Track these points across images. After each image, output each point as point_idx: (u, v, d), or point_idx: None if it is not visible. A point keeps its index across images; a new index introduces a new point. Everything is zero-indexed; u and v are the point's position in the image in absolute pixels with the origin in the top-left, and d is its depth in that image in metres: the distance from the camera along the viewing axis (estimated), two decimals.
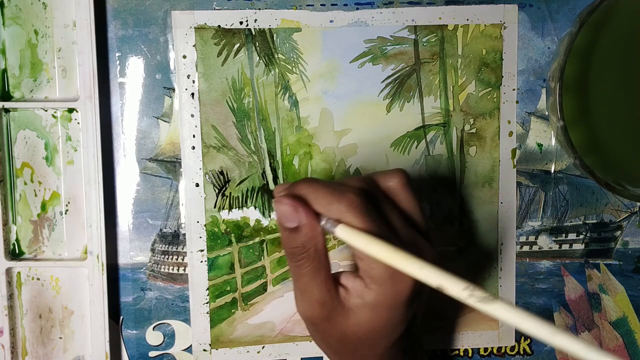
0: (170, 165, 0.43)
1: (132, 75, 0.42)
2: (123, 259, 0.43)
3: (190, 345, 0.44)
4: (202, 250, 0.43)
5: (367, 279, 0.33)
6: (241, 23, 0.42)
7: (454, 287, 0.29)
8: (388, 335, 0.34)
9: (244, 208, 0.44)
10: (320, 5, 0.43)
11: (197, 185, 0.43)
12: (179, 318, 0.44)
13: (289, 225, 0.33)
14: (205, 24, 0.42)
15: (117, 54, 0.42)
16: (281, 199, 0.33)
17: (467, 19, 0.43)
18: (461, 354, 0.46)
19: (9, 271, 0.42)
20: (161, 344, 0.44)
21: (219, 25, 0.42)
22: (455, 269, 0.45)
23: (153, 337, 0.44)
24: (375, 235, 0.31)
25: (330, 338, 0.35)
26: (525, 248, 0.46)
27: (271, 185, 0.44)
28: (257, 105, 0.43)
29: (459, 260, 0.45)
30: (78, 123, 0.42)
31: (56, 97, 0.42)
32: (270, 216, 0.44)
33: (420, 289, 0.33)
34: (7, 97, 0.42)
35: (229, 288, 0.44)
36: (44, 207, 0.43)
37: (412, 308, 0.34)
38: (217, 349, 0.44)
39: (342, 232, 0.32)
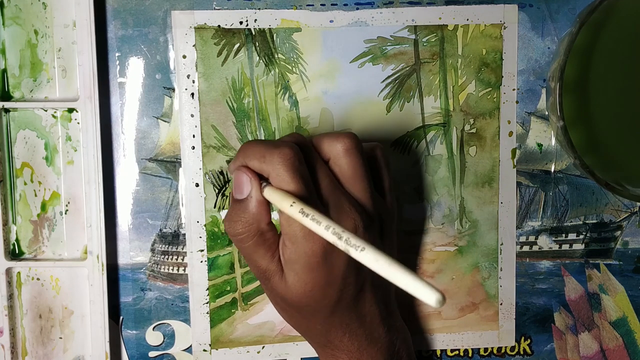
0: (170, 165, 0.43)
1: (132, 75, 0.42)
2: (123, 259, 0.43)
3: (190, 346, 0.44)
4: (202, 250, 0.43)
5: (284, 236, 0.34)
6: (241, 23, 0.42)
7: (336, 240, 0.29)
8: (321, 299, 0.35)
9: None
10: (320, 5, 0.43)
11: (197, 185, 0.43)
12: (179, 318, 0.44)
13: (239, 196, 0.35)
14: (205, 24, 0.42)
15: (117, 54, 0.42)
16: (240, 168, 0.34)
17: (467, 19, 0.43)
18: (461, 354, 0.46)
19: (9, 271, 0.42)
20: (161, 344, 0.44)
21: (219, 25, 0.42)
22: (456, 270, 0.46)
23: (153, 337, 0.44)
24: (297, 193, 0.33)
25: (276, 298, 0.37)
26: (525, 248, 0.46)
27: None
28: (257, 105, 0.43)
29: (459, 260, 0.45)
30: (78, 123, 0.42)
31: (56, 97, 0.42)
32: None
33: (337, 252, 0.34)
34: (7, 97, 0.42)
35: (229, 288, 0.44)
36: (44, 207, 0.43)
37: (339, 274, 0.35)
38: (217, 349, 0.44)
39: (267, 192, 0.34)
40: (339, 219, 0.34)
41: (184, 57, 0.42)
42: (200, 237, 0.43)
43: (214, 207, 0.43)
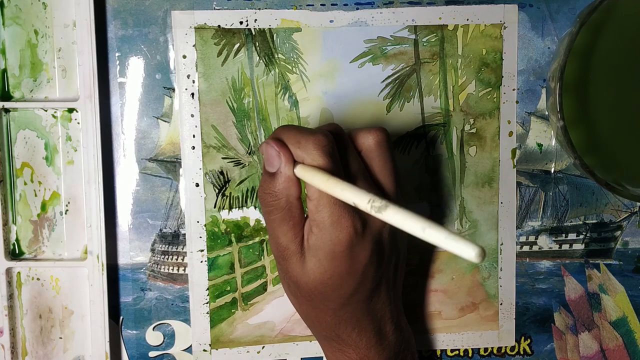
0: (170, 165, 0.43)
1: (132, 75, 0.42)
2: (123, 259, 0.43)
3: (190, 346, 0.44)
4: (202, 250, 0.43)
5: (311, 221, 0.34)
6: (241, 23, 0.42)
7: (362, 202, 0.29)
8: (337, 288, 0.35)
9: (244, 208, 0.44)
10: (320, 5, 0.43)
11: (197, 185, 0.43)
12: (179, 318, 0.44)
13: (270, 169, 0.35)
14: (205, 24, 0.42)
15: (117, 54, 0.42)
16: (269, 141, 0.35)
17: (467, 19, 0.43)
18: (461, 354, 0.46)
19: (9, 271, 0.42)
20: (161, 344, 0.44)
21: (219, 25, 0.42)
22: (457, 270, 0.45)
23: (153, 337, 0.44)
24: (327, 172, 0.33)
25: (288, 280, 0.37)
26: (525, 248, 0.46)
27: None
28: (257, 105, 0.43)
29: (459, 260, 0.45)
30: (78, 123, 0.42)
31: (56, 97, 0.42)
32: None
33: (369, 248, 0.34)
34: (7, 97, 0.42)
35: (229, 288, 0.44)
36: (44, 207, 0.43)
37: (361, 265, 0.35)
38: (217, 349, 0.44)
39: (299, 170, 0.34)
40: (367, 214, 0.34)
41: (184, 57, 0.42)
42: (200, 237, 0.43)
43: (214, 207, 0.43)
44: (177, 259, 0.44)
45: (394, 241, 0.37)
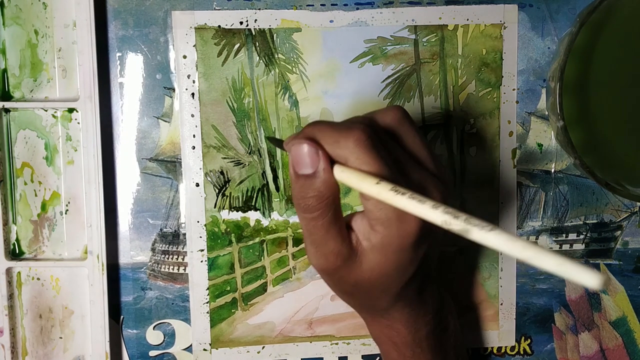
0: (171, 165, 0.43)
1: (132, 75, 0.42)
2: (123, 259, 0.43)
3: (191, 345, 0.44)
4: (202, 250, 0.43)
5: (372, 220, 0.31)
6: (241, 23, 0.42)
7: (450, 219, 0.26)
8: (399, 277, 0.34)
9: (244, 208, 0.44)
10: (320, 5, 0.43)
11: (197, 185, 0.43)
12: (179, 318, 0.44)
13: (305, 171, 0.31)
14: (205, 24, 0.42)
15: (117, 54, 0.42)
16: (300, 140, 0.31)
17: (467, 19, 0.43)
18: None
19: (9, 271, 0.42)
20: (161, 343, 0.44)
21: (219, 26, 0.42)
22: (457, 270, 0.45)
23: (153, 336, 0.44)
24: (381, 175, 0.30)
25: (345, 285, 0.34)
26: None
27: (271, 186, 0.44)
28: (257, 105, 0.43)
29: (459, 260, 0.45)
30: (78, 123, 0.42)
31: (56, 97, 0.42)
32: (270, 216, 0.44)
33: (428, 229, 0.32)
34: (7, 97, 0.42)
35: (229, 288, 0.44)
36: (44, 207, 0.43)
37: (422, 249, 0.33)
38: (217, 349, 0.44)
39: (338, 172, 0.31)
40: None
41: (185, 57, 0.42)
42: (201, 237, 0.43)
43: (214, 207, 0.43)
44: (177, 259, 0.44)
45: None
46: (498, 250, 0.24)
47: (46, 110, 0.42)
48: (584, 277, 0.22)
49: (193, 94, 0.43)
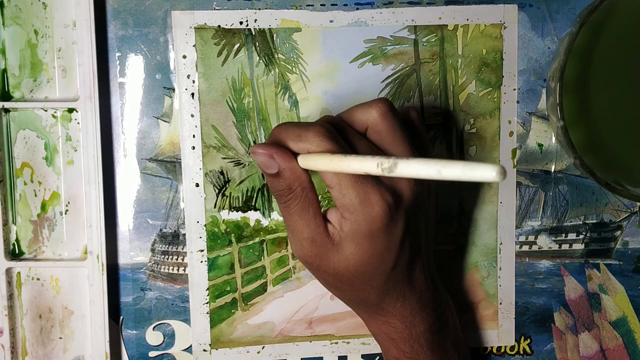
0: (170, 165, 0.43)
1: (132, 75, 0.42)
2: (123, 259, 0.43)
3: (190, 346, 0.44)
4: (202, 250, 0.43)
5: (340, 208, 0.34)
6: (241, 23, 0.42)
7: (371, 167, 0.29)
8: (378, 266, 0.35)
9: (244, 208, 0.44)
10: (320, 5, 0.43)
11: (197, 185, 0.43)
12: (179, 318, 0.44)
13: (270, 171, 0.34)
14: (205, 24, 0.42)
15: (117, 54, 0.42)
16: (255, 149, 0.34)
17: (467, 19, 0.43)
18: None
19: (9, 271, 0.42)
20: (161, 344, 0.44)
21: (219, 25, 0.42)
22: (456, 269, 0.46)
23: (153, 337, 0.44)
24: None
25: (326, 275, 0.36)
26: (525, 248, 0.46)
27: None
28: (257, 105, 0.43)
29: (458, 259, 0.45)
30: (78, 123, 0.42)
31: (56, 97, 0.42)
32: (270, 216, 0.44)
33: (396, 214, 0.33)
34: (7, 97, 0.42)
35: (229, 288, 0.44)
36: (44, 207, 0.43)
37: (395, 235, 0.34)
38: (217, 349, 0.44)
39: (302, 160, 0.34)
40: (392, 184, 0.34)
41: (184, 57, 0.42)
42: (200, 237, 0.43)
43: (214, 207, 0.43)
44: (177, 259, 0.44)
45: (423, 205, 0.37)
46: (420, 176, 0.27)
47: (46, 111, 0.42)
48: (483, 174, 0.24)
49: (193, 94, 0.42)
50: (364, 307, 0.38)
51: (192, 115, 0.43)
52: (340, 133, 0.35)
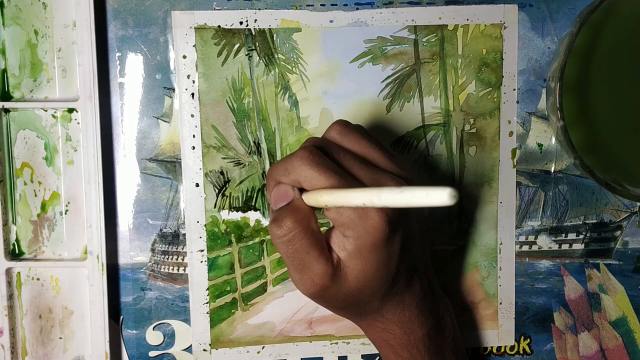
0: (170, 165, 0.43)
1: (132, 75, 0.42)
2: (123, 259, 0.43)
3: (190, 345, 0.44)
4: (202, 250, 0.43)
5: (340, 228, 0.34)
6: (241, 23, 0.42)
7: (375, 197, 0.29)
8: (383, 276, 0.35)
9: (244, 208, 0.44)
10: (320, 5, 0.43)
11: (197, 185, 0.43)
12: (179, 318, 0.44)
13: (281, 204, 0.35)
14: (205, 24, 0.42)
15: (117, 54, 0.42)
16: (270, 193, 0.35)
17: (467, 19, 0.43)
18: None
19: (9, 271, 0.42)
20: (161, 343, 0.44)
21: (219, 26, 0.42)
22: (455, 269, 0.46)
23: (153, 337, 0.44)
24: (331, 185, 0.33)
25: (336, 301, 0.36)
26: (525, 248, 0.46)
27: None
28: (257, 105, 0.43)
29: (458, 259, 0.45)
30: (78, 123, 0.42)
31: (56, 97, 0.42)
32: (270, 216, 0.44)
33: (396, 223, 0.34)
34: (7, 97, 0.42)
35: (229, 288, 0.44)
36: (44, 207, 0.43)
37: (396, 243, 0.34)
38: (217, 349, 0.44)
39: (307, 199, 0.34)
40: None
41: (184, 57, 0.42)
42: (200, 237, 0.43)
43: (214, 207, 0.43)
44: (177, 259, 0.44)
45: (415, 209, 0.37)
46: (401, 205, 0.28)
47: (46, 111, 0.42)
48: (434, 198, 0.24)
49: (193, 94, 0.42)
50: (364, 316, 0.38)
51: (192, 115, 0.43)
52: (328, 151, 0.35)
